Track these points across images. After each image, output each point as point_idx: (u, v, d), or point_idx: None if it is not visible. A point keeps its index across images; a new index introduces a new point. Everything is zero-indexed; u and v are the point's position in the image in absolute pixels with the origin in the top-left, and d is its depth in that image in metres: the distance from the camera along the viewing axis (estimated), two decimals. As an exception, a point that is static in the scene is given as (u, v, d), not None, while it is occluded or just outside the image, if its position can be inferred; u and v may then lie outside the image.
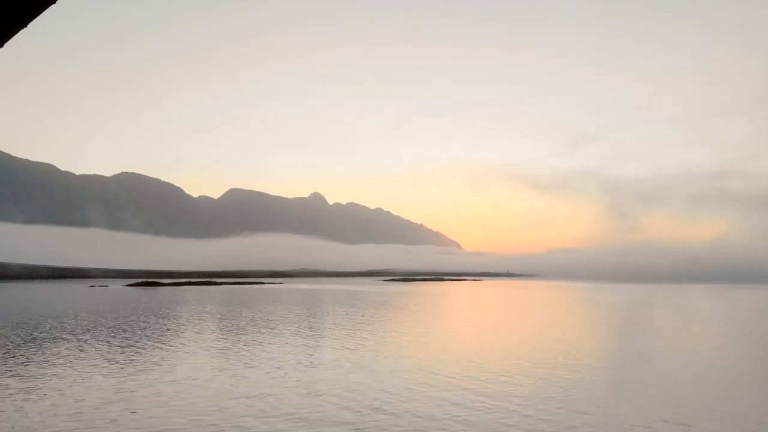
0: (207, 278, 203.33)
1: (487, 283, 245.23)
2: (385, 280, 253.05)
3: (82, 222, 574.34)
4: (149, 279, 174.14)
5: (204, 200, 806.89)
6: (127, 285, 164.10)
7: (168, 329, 46.76)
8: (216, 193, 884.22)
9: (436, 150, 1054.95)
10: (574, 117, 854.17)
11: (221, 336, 43.45)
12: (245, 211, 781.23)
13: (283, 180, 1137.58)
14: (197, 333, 44.69)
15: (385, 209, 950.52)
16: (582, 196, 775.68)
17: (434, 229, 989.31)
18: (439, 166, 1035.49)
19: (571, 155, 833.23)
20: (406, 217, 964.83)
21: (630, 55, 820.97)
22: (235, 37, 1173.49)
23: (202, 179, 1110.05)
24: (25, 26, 17.71)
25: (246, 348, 36.37)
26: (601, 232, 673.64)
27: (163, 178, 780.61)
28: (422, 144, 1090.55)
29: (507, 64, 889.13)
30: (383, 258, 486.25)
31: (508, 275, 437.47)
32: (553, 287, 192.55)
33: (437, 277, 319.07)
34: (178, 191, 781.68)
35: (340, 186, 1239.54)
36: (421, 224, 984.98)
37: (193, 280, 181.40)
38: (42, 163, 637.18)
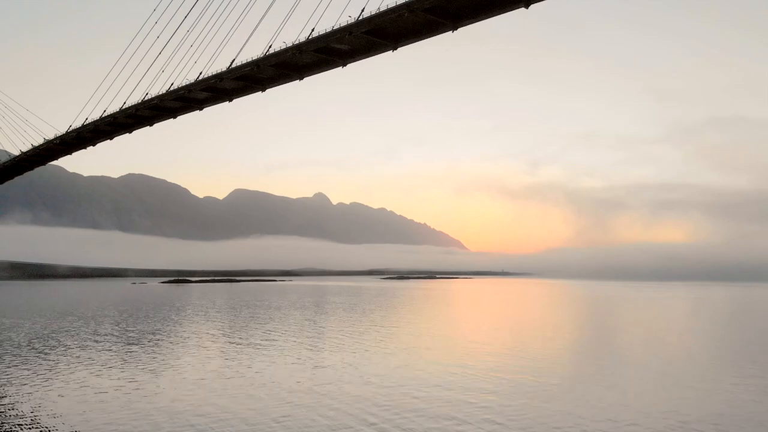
0: (228, 277, 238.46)
1: (476, 282, 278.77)
2: (382, 278, 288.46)
3: (91, 223, 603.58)
4: (179, 278, 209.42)
5: (209, 201, 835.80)
6: (162, 282, 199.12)
7: (229, 313, 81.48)
8: (221, 194, 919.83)
9: (430, 157, 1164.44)
10: (534, 143, 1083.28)
11: (272, 321, 78.11)
12: (250, 212, 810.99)
13: (287, 180, 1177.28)
14: (250, 317, 79.44)
15: (388, 209, 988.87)
16: (551, 203, 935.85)
17: (437, 229, 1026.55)
18: (432, 172, 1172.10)
19: (534, 172, 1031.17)
20: (409, 217, 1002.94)
21: (574, 95, 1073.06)
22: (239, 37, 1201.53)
23: (208, 180, 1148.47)
24: (201, 109, 59.09)
25: (266, 334, 70.79)
26: (577, 235, 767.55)
27: (169, 179, 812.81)
28: (419, 149, 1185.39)
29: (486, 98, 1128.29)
30: (385, 257, 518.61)
31: (503, 274, 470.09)
32: (540, 285, 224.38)
33: (430, 275, 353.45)
34: (183, 192, 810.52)
35: (344, 186, 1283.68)
36: (424, 224, 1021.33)
37: (216, 278, 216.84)
38: (50, 164, 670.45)
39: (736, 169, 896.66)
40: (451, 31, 49.67)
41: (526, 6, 46.90)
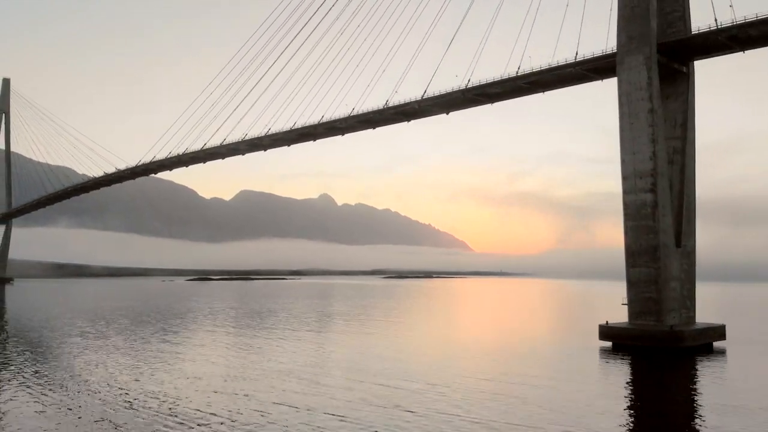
0: (243, 276, 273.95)
1: (471, 281, 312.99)
2: (383, 278, 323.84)
3: (102, 225, 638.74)
4: (202, 276, 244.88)
5: (216, 202, 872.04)
6: (188, 280, 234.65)
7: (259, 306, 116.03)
8: (228, 195, 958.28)
9: (423, 170, 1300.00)
10: (511, 160, 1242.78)
11: (297, 309, 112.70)
12: (257, 213, 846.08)
13: (292, 182, 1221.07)
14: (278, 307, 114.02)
15: (393, 209, 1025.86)
16: (536, 210, 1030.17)
17: (442, 230, 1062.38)
18: (426, 182, 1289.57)
19: (513, 183, 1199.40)
20: (414, 218, 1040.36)
21: (541, 126, 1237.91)
22: (245, 38, 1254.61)
23: (215, 181, 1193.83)
24: (243, 154, 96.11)
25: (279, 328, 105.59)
26: (567, 238, 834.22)
27: (177, 180, 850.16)
28: (413, 164, 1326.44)
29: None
30: (391, 258, 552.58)
31: (501, 274, 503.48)
32: (538, 285, 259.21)
33: (427, 275, 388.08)
34: (191, 193, 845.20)
35: (348, 189, 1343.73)
36: (429, 225, 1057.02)
37: (234, 276, 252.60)
38: (61, 166, 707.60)
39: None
40: (406, 122, 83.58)
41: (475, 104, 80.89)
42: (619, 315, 59.53)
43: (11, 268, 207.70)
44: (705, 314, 68.32)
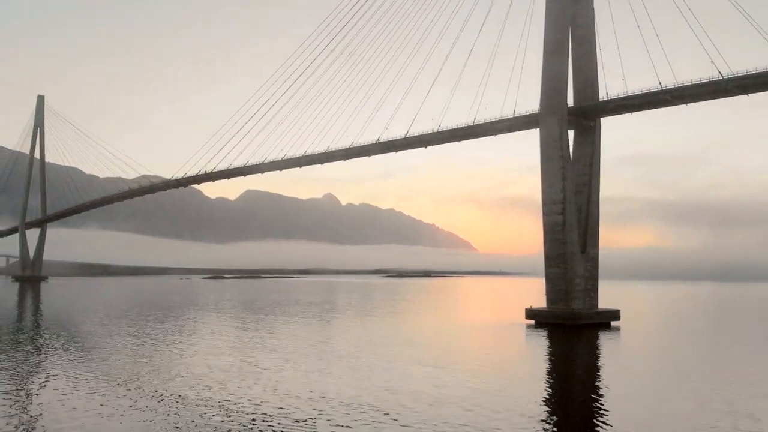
0: (254, 275, 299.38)
1: (468, 280, 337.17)
2: (384, 277, 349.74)
3: (115, 226, 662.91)
4: (215, 275, 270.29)
5: (221, 202, 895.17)
6: (203, 278, 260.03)
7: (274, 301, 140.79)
8: (232, 195, 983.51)
9: (420, 177, 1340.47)
10: (499, 170, 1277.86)
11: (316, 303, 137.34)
12: (261, 213, 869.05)
13: (297, 181, 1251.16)
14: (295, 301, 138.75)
15: (397, 209, 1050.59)
16: (527, 214, 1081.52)
17: (446, 229, 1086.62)
18: (423, 187, 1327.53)
19: (500, 190, 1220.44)
20: (418, 217, 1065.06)
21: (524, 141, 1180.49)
22: (250, 39, 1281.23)
23: (218, 181, 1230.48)
24: (262, 173, 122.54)
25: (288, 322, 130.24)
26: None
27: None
28: (410, 173, 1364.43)
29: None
30: (394, 257, 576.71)
31: (500, 273, 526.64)
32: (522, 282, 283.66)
33: (426, 273, 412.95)
34: (196, 193, 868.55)
35: (352, 189, 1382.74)
36: (433, 224, 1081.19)
37: (245, 275, 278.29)
38: (69, 167, 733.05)
39: (662, 189, 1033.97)
40: (394, 152, 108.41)
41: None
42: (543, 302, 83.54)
43: (44, 267, 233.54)
44: (618, 303, 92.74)
